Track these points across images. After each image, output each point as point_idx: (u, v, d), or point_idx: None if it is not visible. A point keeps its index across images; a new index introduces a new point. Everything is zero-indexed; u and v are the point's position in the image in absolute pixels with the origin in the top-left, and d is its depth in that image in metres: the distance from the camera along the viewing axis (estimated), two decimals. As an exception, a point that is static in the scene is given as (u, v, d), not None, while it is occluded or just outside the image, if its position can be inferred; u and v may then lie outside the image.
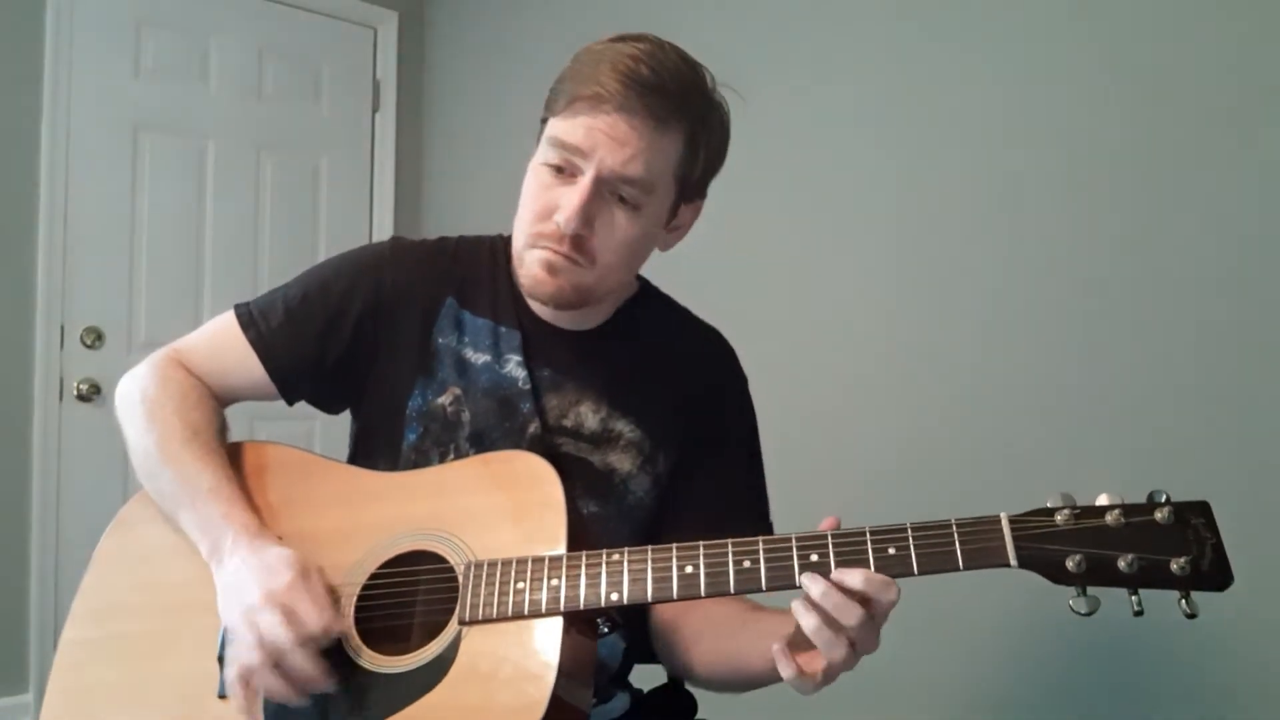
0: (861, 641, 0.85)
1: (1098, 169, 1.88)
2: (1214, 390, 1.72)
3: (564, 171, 1.03)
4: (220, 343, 1.17)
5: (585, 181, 1.01)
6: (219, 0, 3.12)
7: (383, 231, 3.43)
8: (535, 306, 1.15)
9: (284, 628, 0.90)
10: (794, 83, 2.39)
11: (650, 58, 1.00)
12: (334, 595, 0.96)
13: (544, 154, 1.05)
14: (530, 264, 1.07)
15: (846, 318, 2.28)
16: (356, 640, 0.96)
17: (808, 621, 0.84)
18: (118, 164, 2.92)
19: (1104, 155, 1.87)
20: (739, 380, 1.23)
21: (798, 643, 0.88)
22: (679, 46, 1.06)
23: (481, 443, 1.11)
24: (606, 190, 1.02)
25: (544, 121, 1.08)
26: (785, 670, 0.87)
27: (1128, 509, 0.79)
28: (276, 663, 0.90)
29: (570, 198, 1.02)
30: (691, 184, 1.09)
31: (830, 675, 0.88)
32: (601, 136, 1.00)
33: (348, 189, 3.41)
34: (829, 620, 0.84)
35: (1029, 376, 1.96)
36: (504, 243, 1.20)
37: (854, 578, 0.83)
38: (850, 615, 0.83)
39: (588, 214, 1.02)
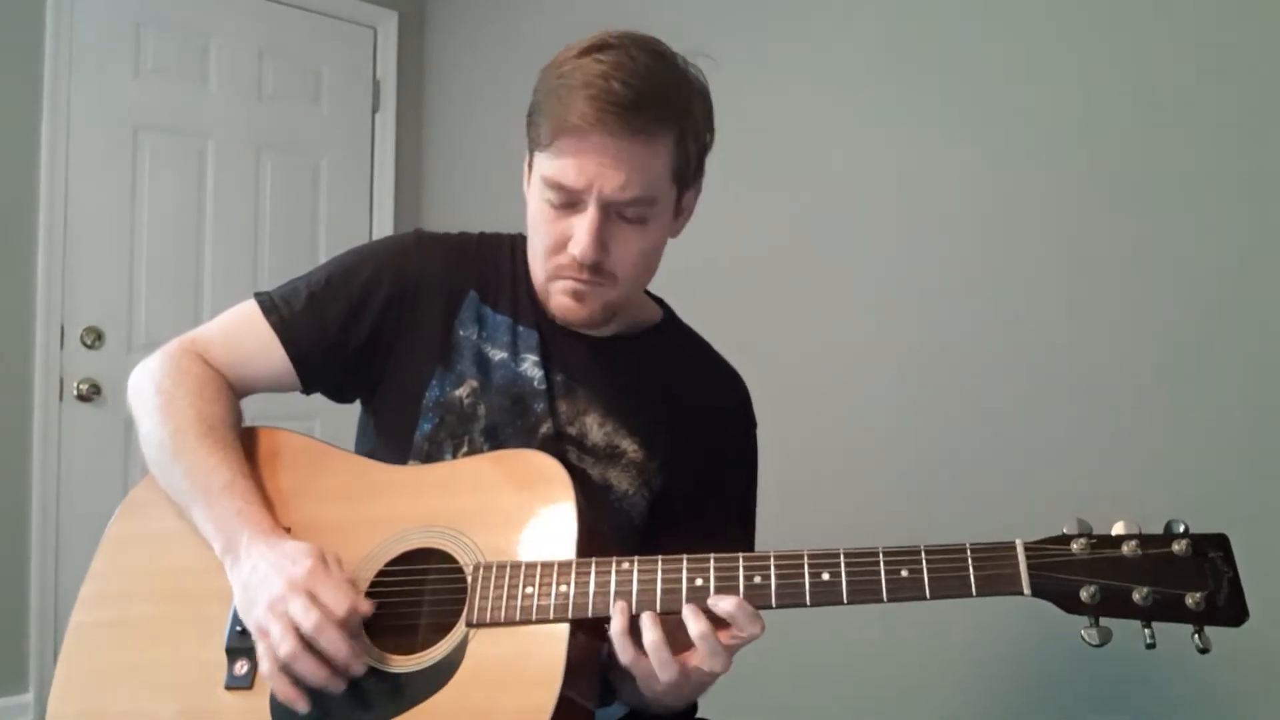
0: (699, 669, 0.90)
1: (1111, 179, 1.88)
2: (1231, 406, 1.72)
3: (565, 204, 1.03)
4: (240, 330, 1.15)
5: (591, 212, 1.01)
6: (219, 0, 3.10)
7: (383, 231, 3.42)
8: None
9: (314, 611, 0.90)
10: (797, 87, 2.39)
11: (619, 69, 0.97)
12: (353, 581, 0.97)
13: (541, 192, 1.04)
14: (557, 295, 1.08)
15: (857, 333, 2.27)
16: (364, 638, 0.96)
17: (650, 637, 0.89)
18: (118, 164, 2.91)
19: (1122, 167, 1.87)
20: (747, 421, 1.22)
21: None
22: (645, 36, 1.03)
23: (495, 438, 1.10)
24: (613, 212, 1.02)
25: (530, 150, 1.07)
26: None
27: (1145, 540, 0.79)
28: (311, 647, 0.91)
29: (580, 229, 1.01)
30: (689, 174, 1.08)
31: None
32: (593, 168, 0.99)
33: (348, 189, 3.40)
34: (672, 636, 0.89)
35: (1042, 391, 1.96)
36: (522, 242, 1.20)
37: (725, 603, 0.88)
38: (700, 640, 0.88)
39: (601, 241, 1.02)
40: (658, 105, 0.99)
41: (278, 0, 3.21)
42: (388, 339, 1.14)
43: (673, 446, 1.14)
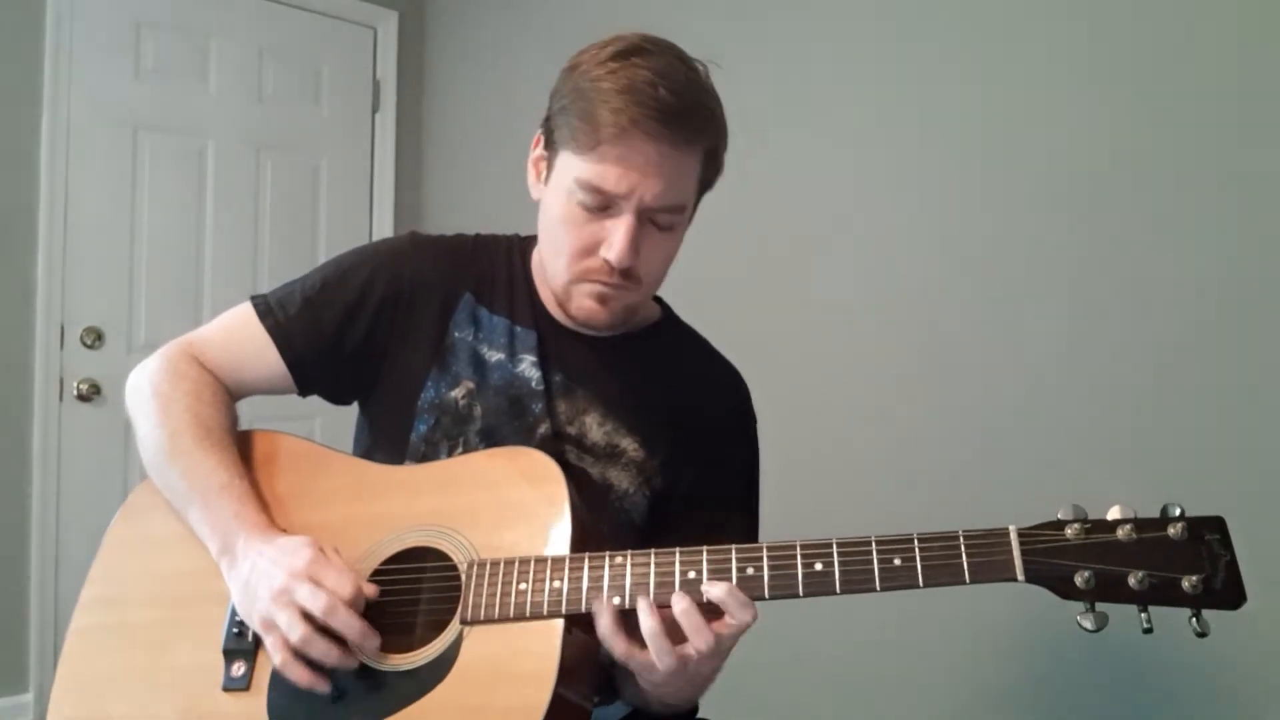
0: (698, 660, 0.88)
1: (1109, 176, 1.88)
2: (1229, 396, 1.72)
3: (599, 208, 1.02)
4: (236, 333, 1.16)
5: (629, 219, 1.00)
6: (219, 0, 3.11)
7: (382, 231, 3.43)
8: (552, 310, 1.15)
9: (322, 594, 0.91)
10: (794, 84, 2.39)
11: (665, 77, 0.97)
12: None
13: (572, 193, 1.02)
14: (580, 298, 1.07)
15: (856, 330, 2.27)
16: None
17: (647, 624, 0.87)
18: (118, 164, 2.91)
19: (1120, 166, 1.87)
20: (747, 418, 1.22)
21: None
22: (669, 42, 1.03)
23: (492, 439, 1.11)
24: (646, 218, 1.02)
25: (550, 146, 1.06)
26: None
27: (1140, 523, 0.78)
28: (321, 631, 0.91)
29: (617, 235, 1.01)
30: (712, 182, 1.09)
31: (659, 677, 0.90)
32: (635, 175, 0.98)
33: (348, 189, 3.40)
34: (670, 629, 0.87)
35: (1039, 381, 1.96)
36: (521, 243, 1.21)
37: (716, 589, 0.86)
38: (695, 632, 0.87)
39: (636, 246, 1.02)
40: (699, 115, 1.00)
41: (278, 0, 3.21)
42: (382, 342, 1.15)
43: (673, 445, 1.14)
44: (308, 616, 0.91)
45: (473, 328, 1.14)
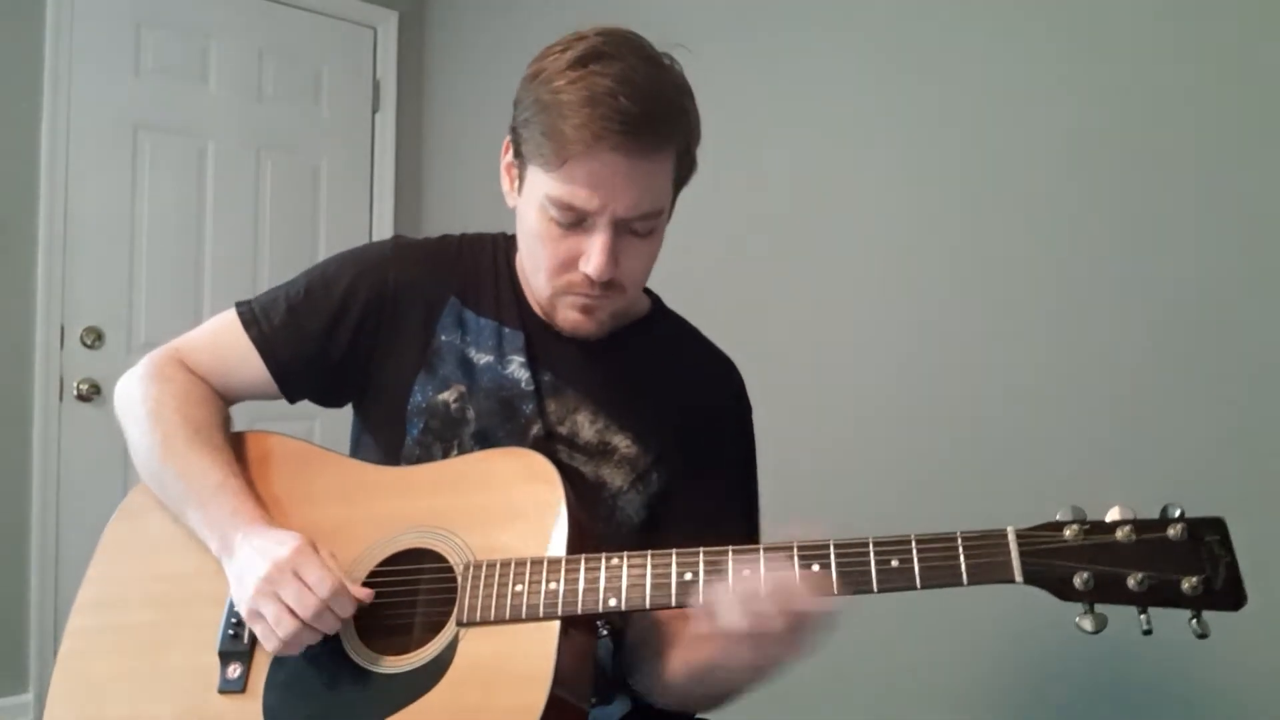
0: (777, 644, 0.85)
1: (1101, 172, 1.88)
2: (1230, 396, 1.71)
3: (573, 223, 1.00)
4: (222, 341, 1.16)
5: (605, 232, 0.99)
6: (219, 0, 3.11)
7: (383, 231, 3.43)
8: (538, 310, 1.14)
9: (304, 591, 0.92)
10: (795, 81, 2.39)
11: (626, 84, 0.94)
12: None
13: (545, 209, 1.00)
14: (565, 310, 1.07)
15: (852, 327, 2.27)
16: (355, 639, 0.97)
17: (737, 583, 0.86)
18: (118, 164, 2.91)
19: (1112, 163, 1.86)
20: (742, 407, 1.21)
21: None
22: (631, 37, 1.00)
23: (486, 441, 1.10)
24: (623, 228, 1.01)
25: (519, 157, 1.04)
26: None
27: (1139, 525, 0.78)
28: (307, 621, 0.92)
29: (594, 250, 0.99)
30: (687, 178, 1.08)
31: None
32: (605, 190, 0.97)
33: (348, 189, 3.40)
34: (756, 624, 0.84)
35: (1039, 380, 1.96)
36: (506, 241, 1.20)
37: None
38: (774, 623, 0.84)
39: (614, 258, 1.01)
40: (666, 120, 0.98)
41: (278, 0, 3.21)
42: (367, 348, 1.15)
43: (667, 439, 1.13)
44: (293, 613, 0.92)
45: (459, 331, 1.14)
